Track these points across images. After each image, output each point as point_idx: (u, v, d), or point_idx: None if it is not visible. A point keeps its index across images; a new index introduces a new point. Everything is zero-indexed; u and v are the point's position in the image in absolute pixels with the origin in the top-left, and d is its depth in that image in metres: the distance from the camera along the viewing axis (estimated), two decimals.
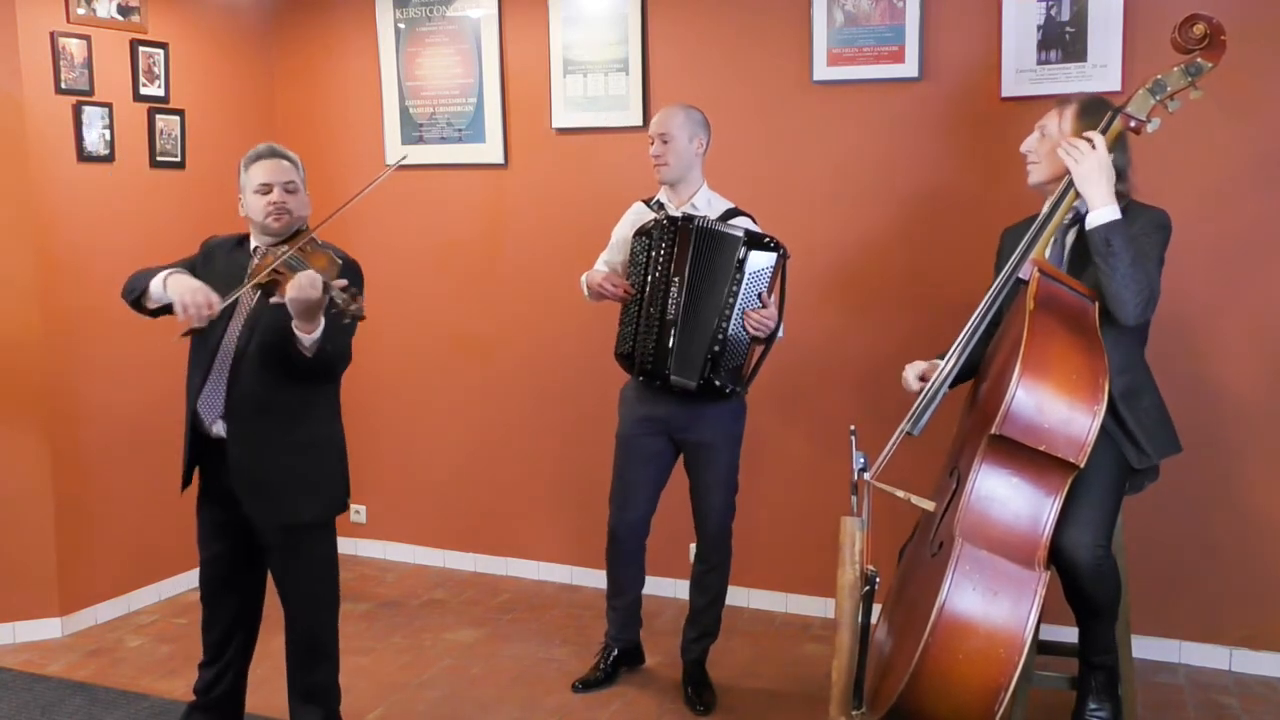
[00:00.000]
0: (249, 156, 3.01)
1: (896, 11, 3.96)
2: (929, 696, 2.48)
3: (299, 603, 3.07)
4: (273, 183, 2.95)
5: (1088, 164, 2.74)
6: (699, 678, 3.67)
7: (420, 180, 4.85)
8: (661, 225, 3.46)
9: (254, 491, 2.94)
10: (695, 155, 3.54)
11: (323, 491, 3.05)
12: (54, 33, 4.13)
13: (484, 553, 4.92)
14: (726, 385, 3.43)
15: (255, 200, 2.96)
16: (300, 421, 2.98)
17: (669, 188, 3.58)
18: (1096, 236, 2.72)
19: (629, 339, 3.56)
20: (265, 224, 2.95)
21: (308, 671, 3.11)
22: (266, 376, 2.90)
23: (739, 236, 3.37)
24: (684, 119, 3.52)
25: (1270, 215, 3.63)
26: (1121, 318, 2.74)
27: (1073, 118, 2.91)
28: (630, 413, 3.65)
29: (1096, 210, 2.73)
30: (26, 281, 4.13)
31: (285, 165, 2.99)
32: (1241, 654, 3.79)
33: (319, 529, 3.06)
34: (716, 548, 3.63)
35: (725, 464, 3.58)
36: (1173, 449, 2.93)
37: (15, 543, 4.17)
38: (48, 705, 3.67)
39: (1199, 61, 2.77)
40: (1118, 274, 2.70)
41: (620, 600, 3.77)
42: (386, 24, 4.78)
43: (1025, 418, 2.57)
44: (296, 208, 2.99)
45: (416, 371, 4.96)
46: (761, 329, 3.40)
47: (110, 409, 4.41)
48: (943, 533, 2.66)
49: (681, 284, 3.41)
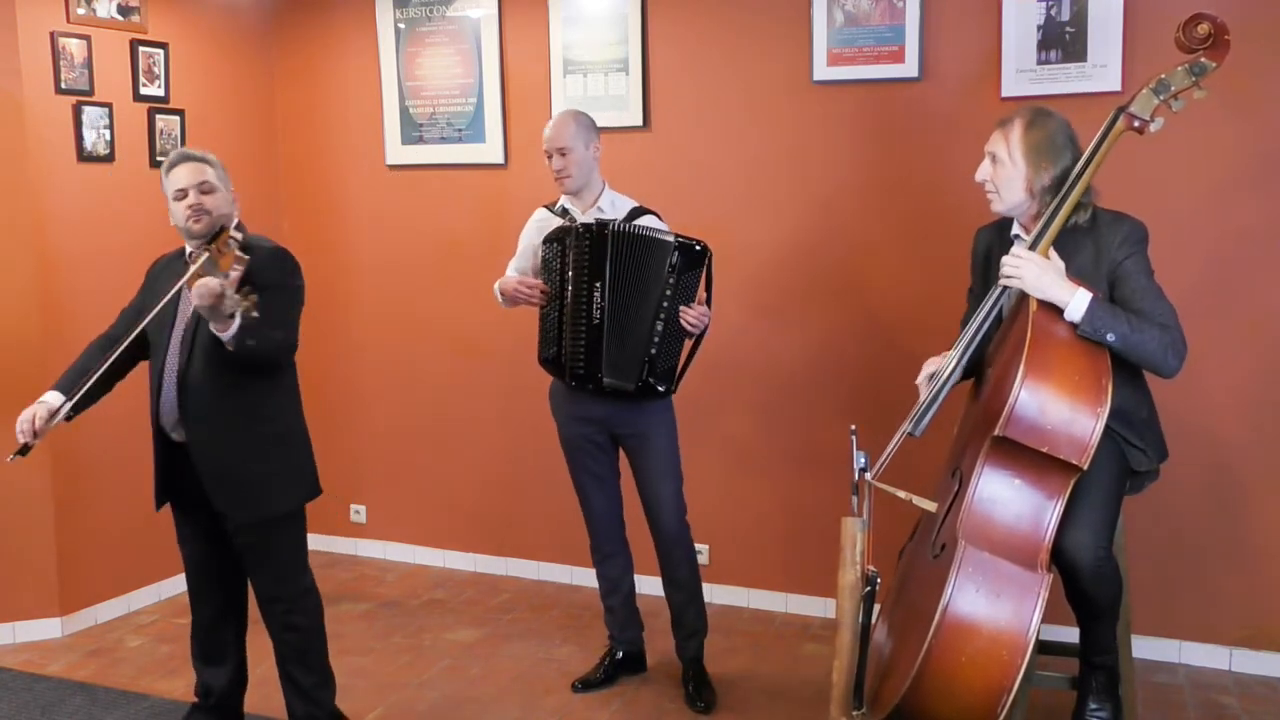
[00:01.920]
0: (164, 167, 3.09)
1: (896, 11, 3.96)
2: (932, 698, 2.48)
3: (273, 600, 3.14)
4: (187, 186, 3.02)
5: (1030, 276, 2.69)
6: (699, 676, 3.68)
7: (420, 180, 4.85)
8: (576, 231, 3.47)
9: (223, 490, 3.03)
10: (594, 160, 3.57)
11: (290, 483, 3.13)
12: (54, 33, 4.13)
13: (484, 553, 4.92)
14: (660, 385, 3.47)
15: (175, 207, 3.05)
16: (256, 419, 3.05)
17: (573, 195, 3.60)
18: (1088, 332, 2.65)
19: (552, 343, 3.58)
20: (188, 227, 3.03)
21: (295, 659, 3.18)
22: (214, 380, 2.98)
23: (670, 242, 3.41)
24: (576, 128, 3.52)
25: (1270, 215, 3.64)
26: (1160, 375, 2.72)
27: (1020, 137, 2.84)
28: (566, 414, 3.69)
29: (1069, 307, 2.66)
30: (26, 281, 4.13)
31: (198, 167, 3.05)
32: (1241, 654, 3.79)
33: (288, 519, 3.14)
34: (678, 542, 3.63)
35: (666, 451, 3.60)
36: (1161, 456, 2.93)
37: (15, 543, 4.17)
38: (48, 705, 3.67)
39: (1203, 61, 2.76)
40: (1132, 349, 2.67)
41: (615, 598, 3.77)
42: (386, 24, 4.78)
43: (1028, 419, 2.57)
44: (216, 207, 3.04)
45: (416, 371, 4.96)
46: (698, 325, 3.43)
47: (110, 409, 4.35)
48: (945, 534, 2.66)
49: (604, 288, 3.44)
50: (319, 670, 3.21)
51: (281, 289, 3.00)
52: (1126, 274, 2.76)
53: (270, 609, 3.15)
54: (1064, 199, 2.78)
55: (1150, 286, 2.75)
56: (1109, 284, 2.77)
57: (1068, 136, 2.84)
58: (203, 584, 3.25)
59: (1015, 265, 2.72)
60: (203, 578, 3.24)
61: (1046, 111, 2.89)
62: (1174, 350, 2.69)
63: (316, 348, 5.15)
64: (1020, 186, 2.85)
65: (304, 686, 3.18)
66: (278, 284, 2.98)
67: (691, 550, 3.68)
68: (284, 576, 3.14)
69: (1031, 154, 2.82)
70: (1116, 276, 2.77)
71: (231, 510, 3.04)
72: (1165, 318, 2.71)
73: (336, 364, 5.11)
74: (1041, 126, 2.84)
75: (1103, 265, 2.78)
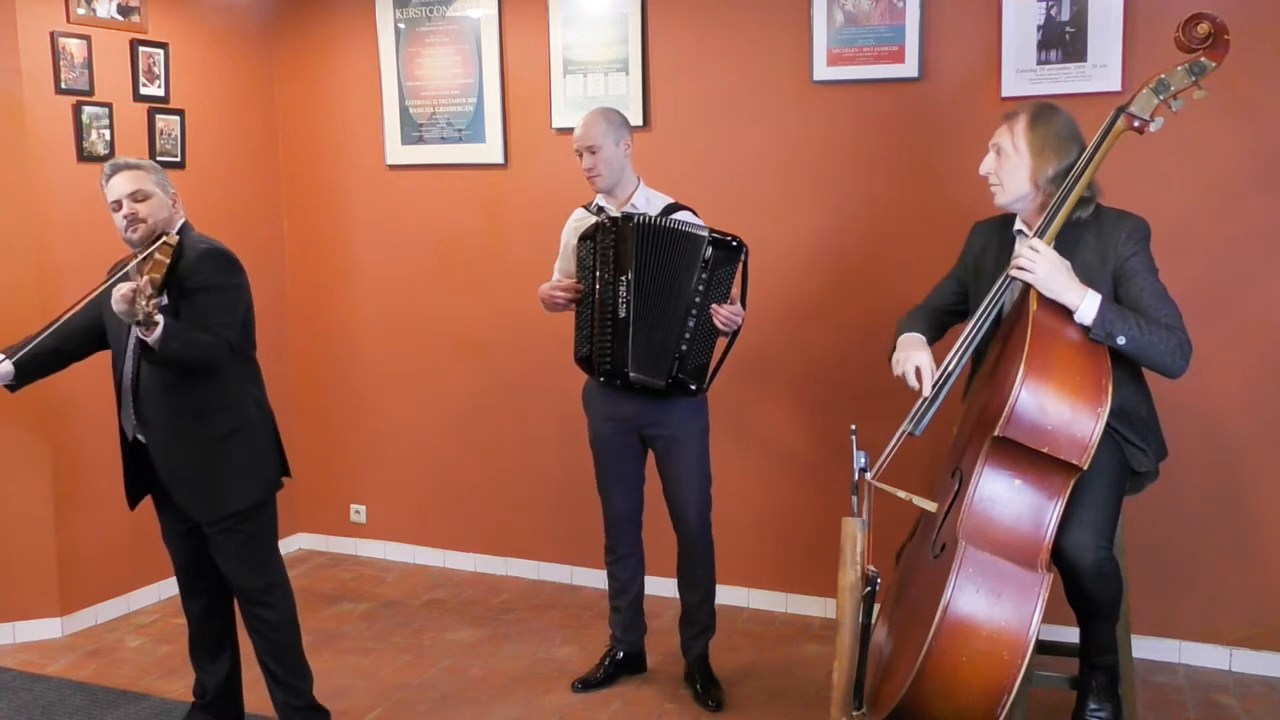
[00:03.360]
0: (101, 177, 3.09)
1: (896, 11, 3.96)
2: (932, 698, 2.48)
3: (242, 584, 3.17)
4: (120, 197, 3.02)
5: (1042, 270, 2.68)
6: (705, 675, 3.68)
7: (420, 180, 4.85)
8: (603, 226, 3.47)
9: (180, 490, 3.09)
10: (625, 157, 3.55)
11: (247, 478, 3.13)
12: (54, 33, 4.13)
13: (484, 553, 4.92)
14: (691, 382, 3.44)
15: (115, 218, 3.06)
16: (204, 420, 3.07)
17: (606, 194, 3.58)
18: (1099, 336, 2.66)
19: (585, 341, 3.58)
20: (127, 238, 3.04)
21: (266, 650, 3.20)
22: (163, 385, 3.02)
23: (702, 236, 3.38)
24: (606, 125, 3.50)
25: (1270, 216, 3.64)
26: (1167, 376, 2.73)
27: (1025, 130, 2.85)
28: (597, 413, 3.68)
29: (1079, 309, 2.67)
30: (26, 281, 4.13)
31: (132, 175, 3.05)
32: (1241, 654, 3.79)
33: (253, 511, 3.15)
34: (700, 541, 3.64)
35: (697, 455, 3.59)
36: (1161, 455, 2.93)
37: (15, 543, 4.17)
38: (48, 705, 3.67)
39: (1203, 61, 2.76)
40: (1142, 351, 2.68)
41: (622, 599, 3.76)
42: (386, 24, 4.78)
43: (1029, 419, 2.57)
44: (152, 213, 3.04)
45: (416, 371, 4.96)
46: (730, 324, 3.41)
47: (110, 409, 4.37)
48: (945, 535, 2.66)
49: (630, 282, 3.42)
50: (291, 664, 3.23)
51: (209, 290, 2.99)
52: (1133, 272, 2.76)
53: (241, 601, 3.20)
54: (1067, 194, 2.78)
55: (1156, 286, 2.76)
56: (1113, 280, 2.78)
57: (1072, 131, 2.85)
58: (188, 579, 3.30)
59: (1030, 259, 2.70)
60: (187, 573, 3.29)
61: (1052, 106, 2.90)
62: (1181, 352, 2.70)
63: (316, 347, 5.17)
64: (1025, 178, 2.85)
65: (279, 677, 3.22)
66: (206, 285, 2.98)
67: (711, 550, 3.67)
68: (251, 570, 3.16)
69: (1037, 146, 2.83)
70: (1122, 273, 2.77)
71: (190, 509, 3.10)
72: (1171, 318, 2.72)
73: (336, 364, 5.11)
74: (1047, 120, 2.85)
75: (1109, 261, 2.78)
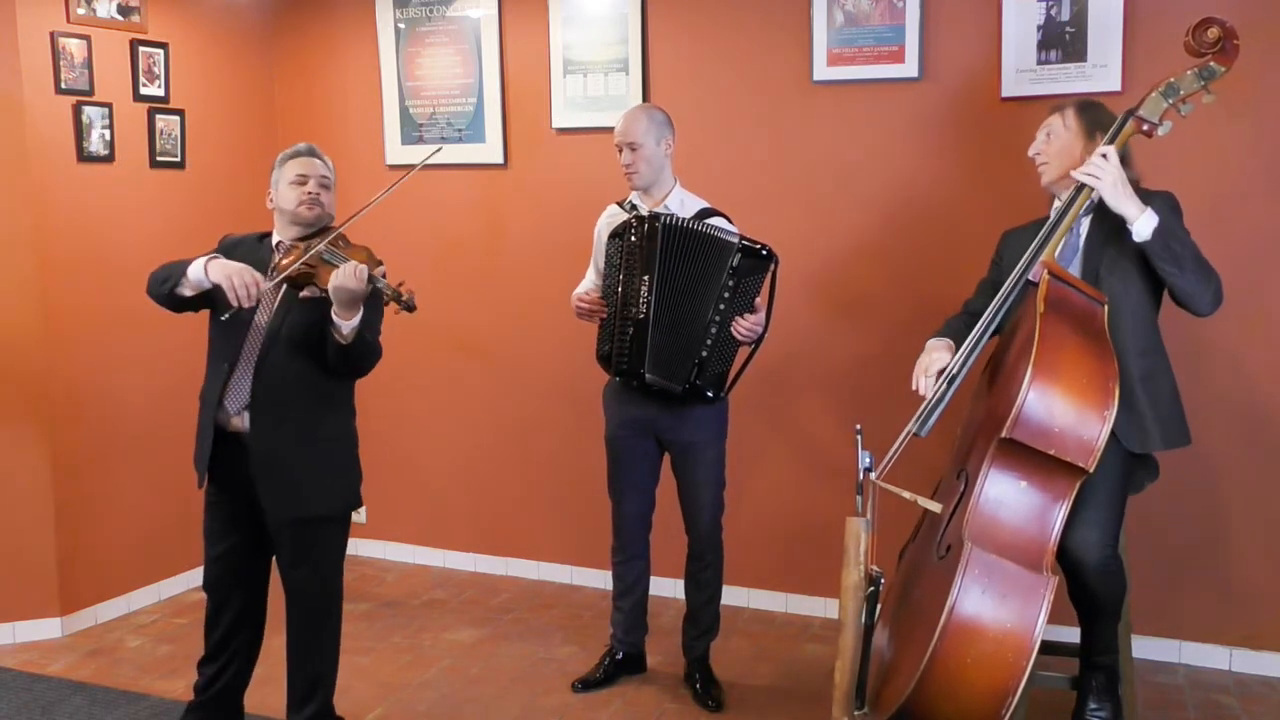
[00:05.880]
0: (287, 153, 3.12)
1: (896, 11, 3.96)
2: (937, 699, 2.48)
3: (305, 598, 3.09)
4: (309, 174, 3.06)
5: (1109, 179, 2.75)
6: (706, 675, 3.68)
7: (420, 180, 4.80)
8: (632, 225, 3.45)
9: (273, 484, 2.99)
10: (665, 157, 3.53)
11: (338, 486, 3.11)
12: (54, 33, 4.12)
13: (484, 553, 4.92)
14: (709, 390, 3.42)
15: (290, 191, 3.05)
16: (323, 416, 3.05)
17: (642, 192, 3.57)
18: (1156, 245, 2.75)
19: (606, 340, 3.57)
20: (297, 212, 3.04)
21: (308, 667, 3.13)
22: (292, 370, 2.97)
23: (732, 243, 3.35)
24: (648, 123, 3.48)
25: (1272, 217, 3.64)
26: (1198, 310, 2.82)
27: (1075, 114, 2.98)
28: (614, 414, 3.67)
29: (1138, 221, 2.76)
30: (26, 281, 4.12)
31: (321, 164, 3.12)
32: (1241, 654, 3.80)
33: (332, 524, 3.10)
34: (710, 545, 3.64)
35: (713, 462, 3.59)
36: (1182, 440, 2.92)
37: (15, 543, 4.16)
38: (48, 705, 3.67)
39: (1212, 65, 2.78)
40: (1187, 271, 2.76)
41: (626, 600, 3.76)
42: (386, 24, 4.78)
43: (1036, 421, 2.57)
44: (327, 203, 3.10)
45: (416, 371, 4.95)
46: (750, 335, 3.40)
47: (110, 409, 4.40)
48: (951, 535, 2.66)
49: (652, 282, 3.40)
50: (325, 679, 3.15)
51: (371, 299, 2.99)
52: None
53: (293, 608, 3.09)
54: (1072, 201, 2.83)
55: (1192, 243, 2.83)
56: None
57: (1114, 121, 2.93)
58: (227, 583, 3.14)
59: (1100, 165, 2.77)
60: (226, 577, 3.13)
61: (1098, 104, 3.06)
62: (1218, 291, 2.82)
63: None
64: (1078, 150, 2.94)
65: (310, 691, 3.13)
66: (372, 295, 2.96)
67: (720, 553, 3.67)
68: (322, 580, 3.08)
69: (1088, 127, 2.95)
70: None
71: (275, 506, 3.00)
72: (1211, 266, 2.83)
73: None
74: (1094, 108, 3.01)
75: None
